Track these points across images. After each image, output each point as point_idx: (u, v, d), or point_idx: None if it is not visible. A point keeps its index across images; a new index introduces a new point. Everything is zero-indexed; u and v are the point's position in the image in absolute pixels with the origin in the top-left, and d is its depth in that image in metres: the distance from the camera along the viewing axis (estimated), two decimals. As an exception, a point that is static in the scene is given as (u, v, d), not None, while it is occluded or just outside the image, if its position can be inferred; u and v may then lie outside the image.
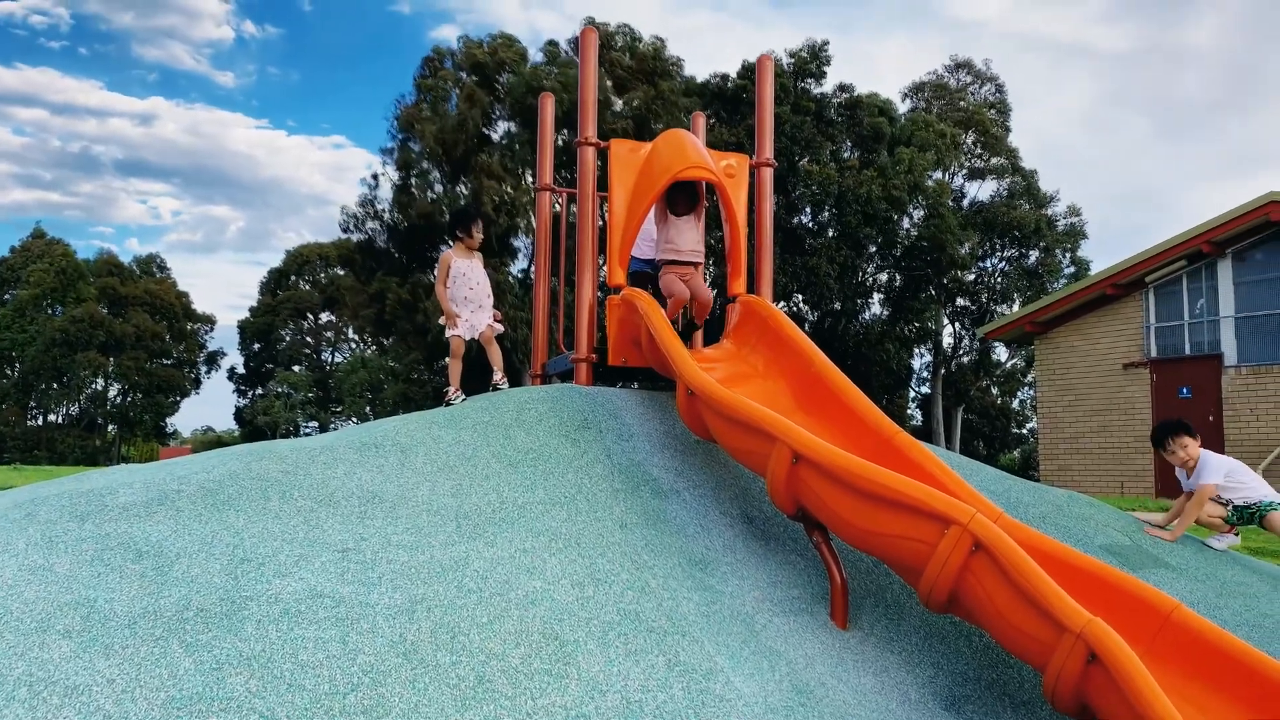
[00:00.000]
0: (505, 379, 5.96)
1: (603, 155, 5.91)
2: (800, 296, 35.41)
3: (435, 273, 5.90)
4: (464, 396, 5.68)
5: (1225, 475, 5.31)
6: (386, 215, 32.42)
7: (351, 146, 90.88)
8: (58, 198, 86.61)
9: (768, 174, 6.26)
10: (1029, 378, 45.97)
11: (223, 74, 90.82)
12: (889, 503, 3.64)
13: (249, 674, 2.92)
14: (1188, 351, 18.32)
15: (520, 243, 32.25)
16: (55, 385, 56.97)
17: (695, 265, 6.05)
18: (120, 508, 3.88)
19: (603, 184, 5.97)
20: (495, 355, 6.00)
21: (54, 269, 55.78)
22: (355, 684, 2.94)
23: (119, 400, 61.15)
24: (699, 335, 6.52)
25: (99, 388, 60.22)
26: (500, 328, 6.00)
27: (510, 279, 30.85)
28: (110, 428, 61.49)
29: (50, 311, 56.07)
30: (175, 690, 2.82)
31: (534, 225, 31.74)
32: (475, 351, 6.14)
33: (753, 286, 6.11)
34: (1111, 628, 3.23)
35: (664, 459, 4.99)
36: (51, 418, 59.44)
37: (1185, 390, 18.15)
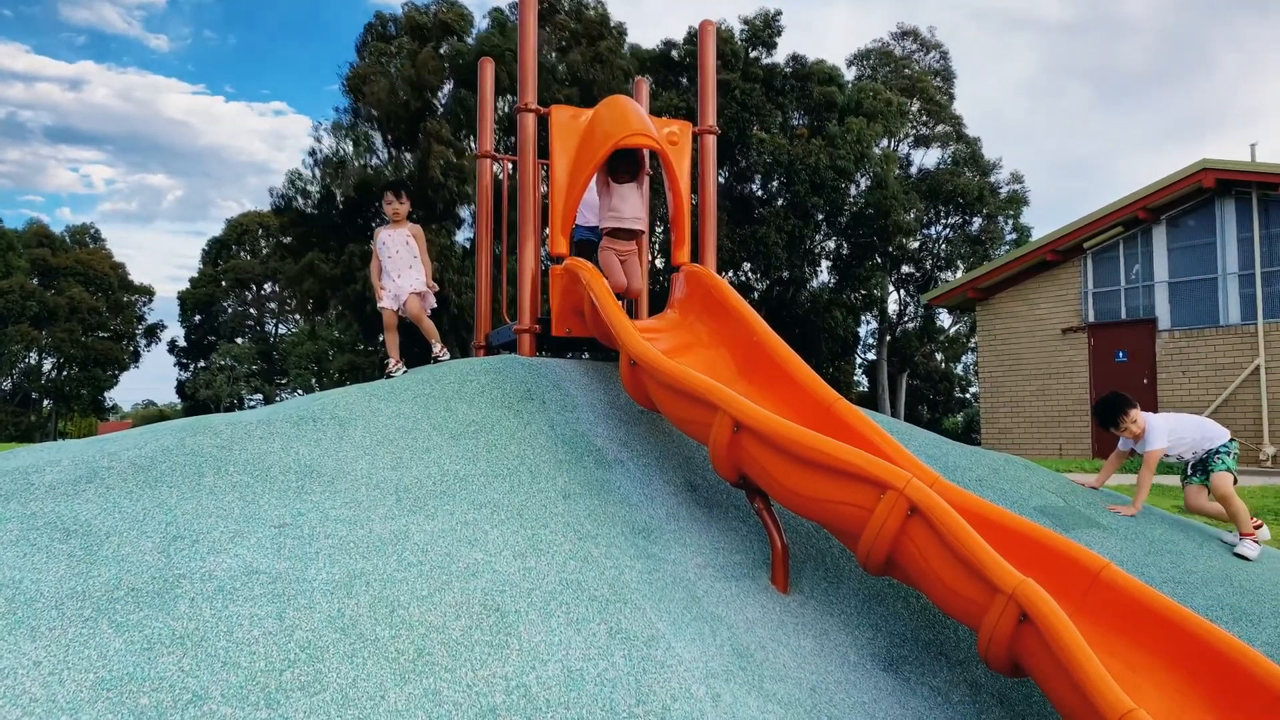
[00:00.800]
0: (445, 350, 5.90)
1: (544, 123, 5.84)
2: (749, 265, 35.54)
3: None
4: (405, 368, 5.62)
5: (1169, 434, 5.41)
6: (315, 188, 31.81)
7: (293, 113, 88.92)
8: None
9: (711, 141, 6.23)
10: (971, 343, 46.92)
11: (156, 37, 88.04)
12: (826, 469, 3.68)
13: (181, 653, 2.87)
14: (1123, 316, 18.77)
15: (466, 211, 31.89)
16: (-14, 360, 55.25)
17: (639, 234, 6.03)
18: (47, 486, 3.78)
19: (544, 152, 5.90)
20: (427, 328, 5.95)
21: (-20, 239, 53.87)
22: (292, 660, 2.91)
23: (54, 375, 59.57)
24: (643, 305, 6.51)
25: (32, 362, 58.60)
26: (430, 301, 5.91)
27: (458, 247, 30.53)
28: (46, 403, 59.93)
29: (-22, 283, 54.19)
30: (105, 671, 2.76)
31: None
32: (410, 324, 6.07)
33: (696, 255, 6.10)
34: (1042, 588, 3.32)
35: (607, 429, 4.99)
36: (-17, 393, 57.69)
37: (1121, 354, 18.61)
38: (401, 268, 5.74)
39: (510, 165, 6.88)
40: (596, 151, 5.51)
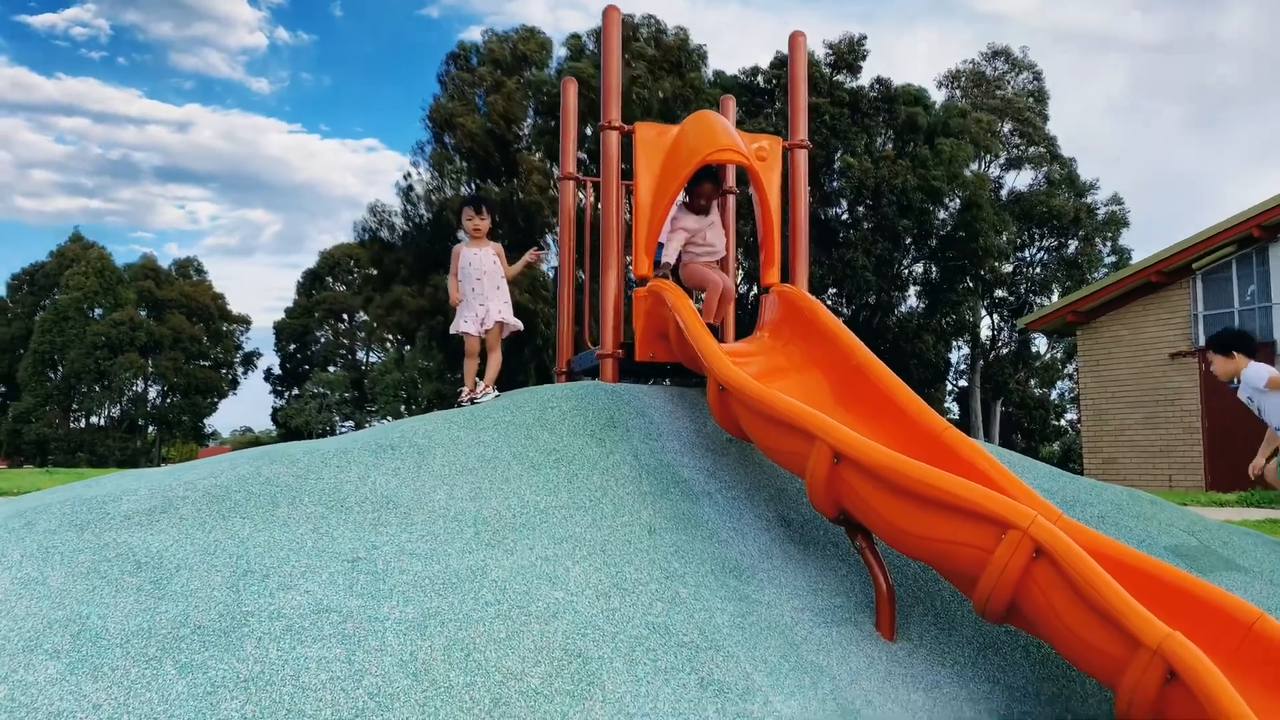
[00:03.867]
0: (490, 391, 5.50)
1: (628, 141, 5.64)
2: (834, 290, 34.95)
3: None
4: (496, 392, 5.39)
5: None
6: (400, 220, 32.40)
7: (384, 149, 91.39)
8: (99, 204, 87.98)
9: (802, 156, 5.96)
10: (1068, 369, 45.22)
11: (257, 80, 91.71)
12: (940, 505, 3.35)
13: (245, 698, 2.69)
14: (1238, 340, 17.69)
15: (551, 239, 32.14)
16: (97, 388, 57.73)
17: (723, 258, 5.83)
18: (122, 516, 3.69)
19: (628, 174, 5.72)
20: (493, 362, 5.57)
21: (93, 272, 56.45)
22: (360, 709, 2.71)
23: (158, 402, 61.92)
24: (729, 328, 6.24)
25: (139, 389, 61.02)
26: (515, 325, 5.58)
27: (549, 273, 30.78)
28: (150, 429, 62.29)
29: (91, 315, 56.77)
30: (165, 716, 2.60)
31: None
32: (506, 344, 5.79)
33: (786, 276, 5.82)
34: (1191, 642, 2.93)
35: (694, 459, 4.72)
36: (94, 420, 60.26)
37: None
38: (489, 290, 5.49)
39: (593, 187, 6.72)
40: (682, 168, 5.29)
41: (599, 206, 6.43)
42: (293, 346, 70.89)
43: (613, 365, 5.40)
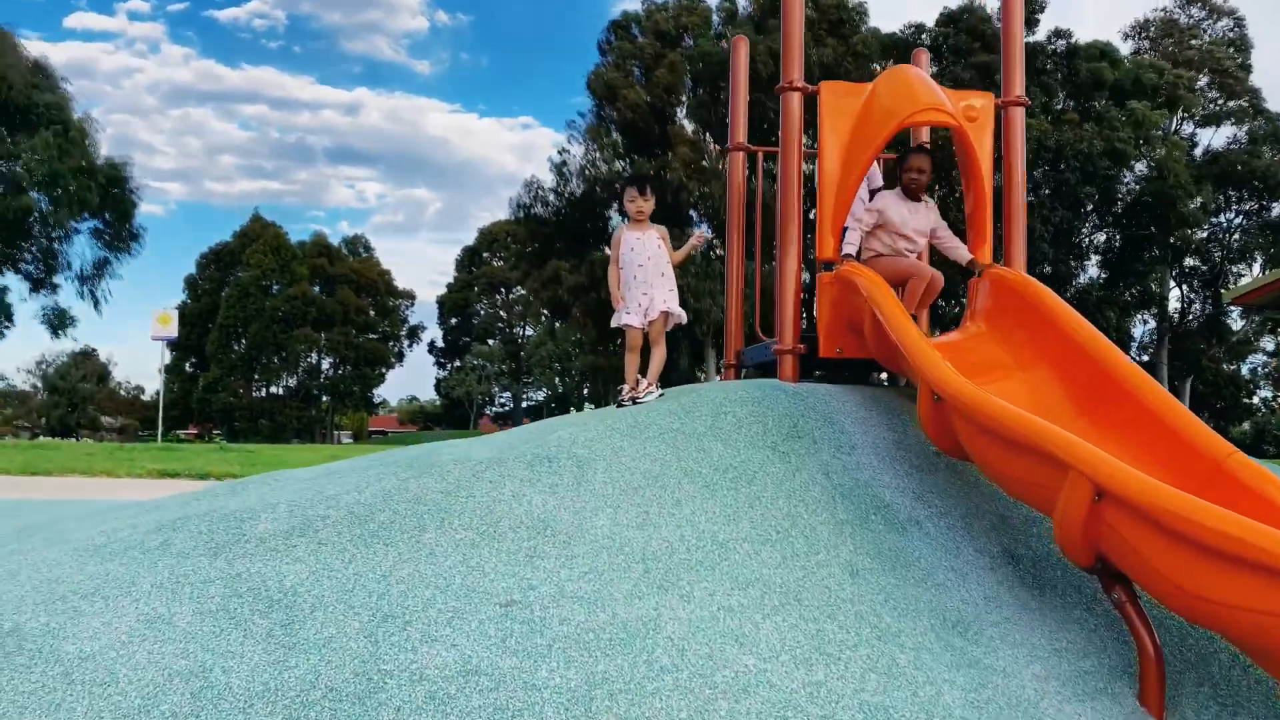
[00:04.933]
0: (653, 390, 4.90)
1: (810, 104, 4.93)
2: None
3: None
4: (660, 390, 4.80)
5: None
6: (553, 196, 32.25)
7: (539, 126, 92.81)
8: (277, 186, 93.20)
9: (1019, 116, 5.07)
10: (1263, 342, 41.23)
11: (419, 62, 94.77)
12: (1254, 567, 2.55)
13: (378, 793, 2.23)
14: None
15: (695, 214, 31.39)
16: (275, 359, 61.09)
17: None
18: (258, 539, 3.33)
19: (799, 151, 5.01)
20: (657, 357, 4.98)
21: (270, 250, 59.57)
22: (513, 814, 2.20)
23: (331, 373, 65.02)
24: (925, 319, 5.45)
25: (313, 361, 64.21)
26: (681, 317, 4.97)
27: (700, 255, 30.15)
28: (324, 398, 65.54)
29: (270, 290, 60.00)
30: (286, 813, 2.16)
31: (725, 192, 30.87)
32: (678, 334, 5.15)
33: (999, 256, 4.98)
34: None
35: (896, 477, 4.02)
36: (273, 390, 63.91)
37: None
38: (653, 278, 4.91)
39: (762, 158, 6.02)
40: (877, 133, 4.55)
41: (773, 181, 5.76)
42: (454, 320, 73.05)
43: (792, 363, 4.73)
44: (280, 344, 59.58)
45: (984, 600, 3.38)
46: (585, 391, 68.63)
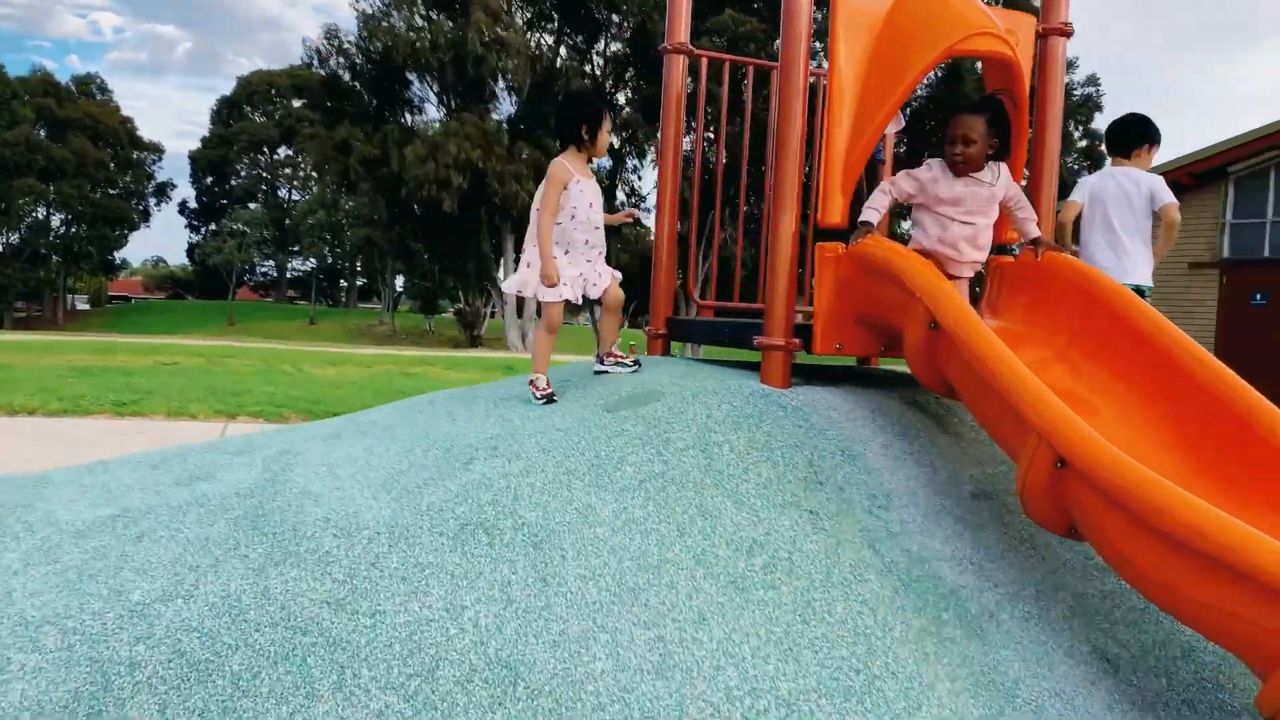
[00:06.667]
0: (633, 361, 3.85)
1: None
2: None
3: (540, 191, 3.62)
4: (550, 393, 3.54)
5: None
6: (353, 51, 28.81)
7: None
8: (-14, 4, 79.22)
9: (1059, 47, 4.02)
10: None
11: None
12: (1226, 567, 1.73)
13: None
14: (1267, 253, 16.52)
15: (502, 87, 29.00)
16: (-8, 213, 52.92)
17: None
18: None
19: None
20: (613, 325, 3.89)
21: (-19, 85, 50.83)
22: None
23: (63, 231, 57.29)
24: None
25: (40, 217, 56.22)
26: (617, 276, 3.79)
27: (492, 129, 27.77)
28: (54, 259, 57.86)
29: (-19, 132, 51.34)
30: None
31: (524, 69, 28.40)
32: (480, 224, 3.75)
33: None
34: None
35: (948, 541, 3.01)
36: (-10, 247, 55.57)
37: (1259, 296, 16.45)
38: (597, 236, 3.64)
39: (708, 69, 4.68)
40: (915, 61, 3.37)
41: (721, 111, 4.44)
42: (209, 179, 66.14)
43: (783, 363, 3.57)
44: (-1, 194, 51.51)
45: (1119, 752, 2.48)
46: (358, 265, 64.51)
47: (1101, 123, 39.05)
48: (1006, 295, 3.65)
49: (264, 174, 65.93)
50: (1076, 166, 37.28)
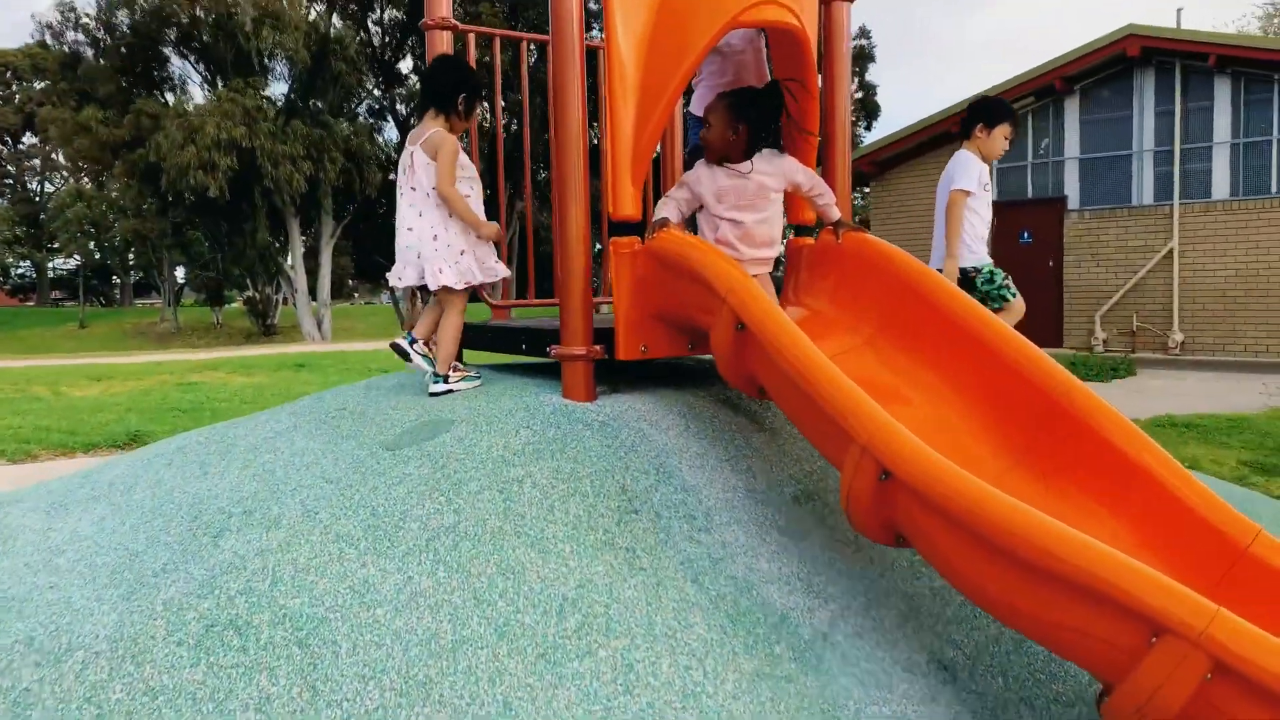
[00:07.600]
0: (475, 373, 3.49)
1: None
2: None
3: (439, 161, 3.29)
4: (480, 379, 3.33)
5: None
6: (93, 25, 26.07)
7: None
8: None
9: (844, 12, 3.83)
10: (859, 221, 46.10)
11: None
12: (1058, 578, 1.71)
13: None
14: (1030, 194, 17.69)
15: (280, 63, 27.06)
16: None
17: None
18: None
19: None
20: (451, 328, 3.57)
21: None
22: None
23: None
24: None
25: None
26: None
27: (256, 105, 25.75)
28: None
29: None
30: None
31: (301, 44, 26.49)
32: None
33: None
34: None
35: (773, 559, 2.79)
36: None
37: (1026, 235, 17.63)
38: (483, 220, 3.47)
39: (477, 45, 4.25)
40: (698, 36, 3.07)
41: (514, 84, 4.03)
42: (-59, 175, 58.86)
43: (585, 373, 3.23)
44: None
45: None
46: (130, 259, 59.33)
47: (874, 75, 40.88)
48: (808, 279, 3.47)
49: (7, 165, 59.35)
50: (855, 119, 38.85)
